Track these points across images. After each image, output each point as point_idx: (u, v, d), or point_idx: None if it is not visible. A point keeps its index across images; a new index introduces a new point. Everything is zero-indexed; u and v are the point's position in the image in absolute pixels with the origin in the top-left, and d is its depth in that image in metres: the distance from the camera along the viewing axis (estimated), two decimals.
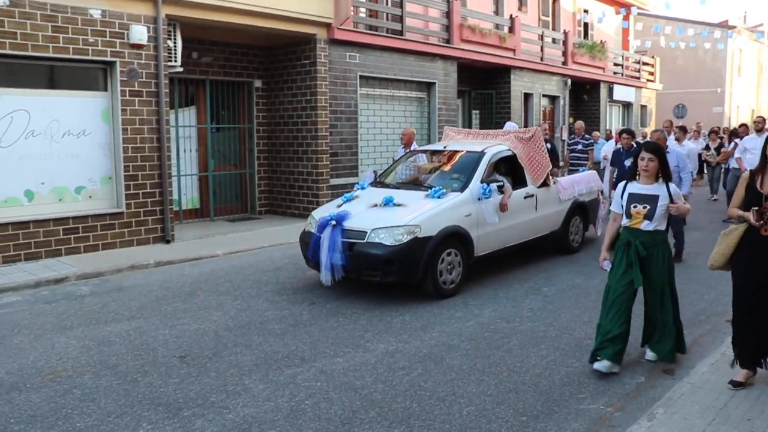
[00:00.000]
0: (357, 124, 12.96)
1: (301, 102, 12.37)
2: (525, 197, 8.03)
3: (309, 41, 12.13)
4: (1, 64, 8.66)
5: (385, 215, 6.63)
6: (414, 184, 7.69)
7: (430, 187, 7.19)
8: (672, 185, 4.62)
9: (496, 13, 18.18)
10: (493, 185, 7.31)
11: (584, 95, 22.30)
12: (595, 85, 22.10)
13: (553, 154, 9.80)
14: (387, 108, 13.92)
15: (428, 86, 14.75)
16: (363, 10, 13.33)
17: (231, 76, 12.47)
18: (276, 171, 13.02)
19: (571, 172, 12.08)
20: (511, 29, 17.31)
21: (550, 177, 8.48)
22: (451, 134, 9.17)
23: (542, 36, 18.84)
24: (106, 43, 9.24)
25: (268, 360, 5.09)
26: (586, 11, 23.12)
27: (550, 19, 20.93)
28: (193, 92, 12.16)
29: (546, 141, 10.51)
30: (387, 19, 13.86)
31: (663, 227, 4.63)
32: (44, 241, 8.87)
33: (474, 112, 17.88)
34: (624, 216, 4.68)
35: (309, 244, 6.77)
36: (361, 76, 12.97)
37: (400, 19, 13.77)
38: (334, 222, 6.57)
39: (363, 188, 7.72)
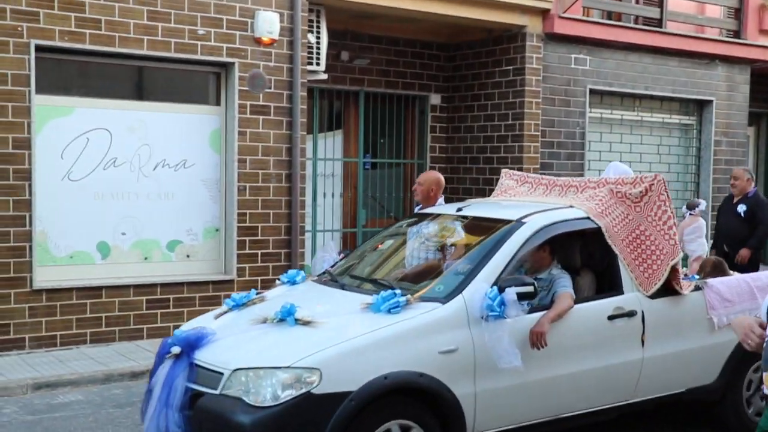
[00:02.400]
0: (584, 164, 12.61)
1: (499, 128, 12.24)
2: (612, 316, 6.14)
3: (514, 37, 11.96)
4: (76, 64, 8.97)
5: (268, 344, 5.30)
6: (390, 280, 6.29)
7: (388, 289, 5.71)
8: None
9: None
10: (511, 292, 5.49)
11: None
12: None
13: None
14: (631, 140, 13.54)
15: (699, 106, 14.20)
16: None
17: (396, 88, 12.48)
18: None
19: None
20: None
21: (680, 275, 6.56)
22: (507, 183, 7.74)
23: None
24: (222, 36, 9.40)
25: None
26: None
27: None
28: (341, 110, 12.37)
29: (736, 201, 10.10)
30: (636, 2, 13.47)
31: None
32: (120, 316, 9.00)
33: None
34: None
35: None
36: (592, 91, 12.71)
37: (659, 2, 13.29)
38: (177, 350, 5.32)
39: (292, 283, 6.54)
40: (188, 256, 9.60)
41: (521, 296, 5.53)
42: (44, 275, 8.59)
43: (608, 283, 6.35)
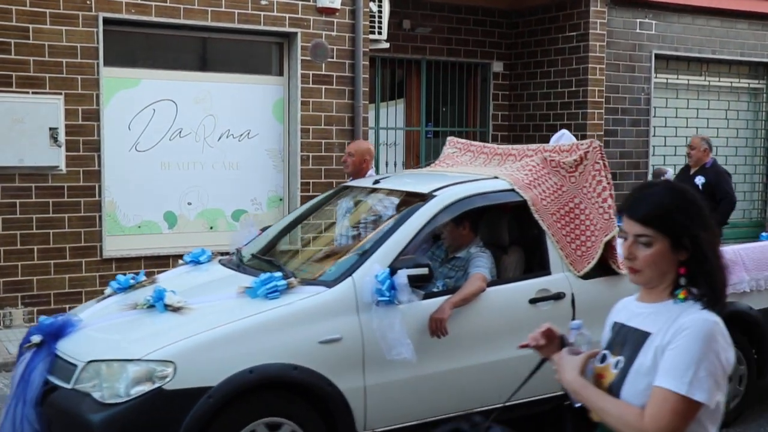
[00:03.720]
0: (649, 131, 12.47)
1: (563, 95, 12.13)
2: (535, 299, 5.47)
3: (578, 2, 11.77)
4: (142, 36, 9.08)
5: (128, 334, 4.83)
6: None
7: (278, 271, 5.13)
8: None
9: None
10: (402, 275, 4.83)
11: None
12: None
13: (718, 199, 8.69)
14: (698, 105, 13.39)
15: None
16: None
17: (458, 56, 12.41)
18: None
19: None
20: None
21: (616, 254, 5.72)
22: (449, 152, 7.08)
23: None
24: (284, 6, 9.42)
25: None
26: None
27: None
28: (403, 79, 12.32)
29: (693, 173, 9.21)
30: None
31: None
32: None
33: None
34: None
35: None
36: (657, 56, 12.54)
37: None
38: (37, 339, 4.77)
39: (196, 262, 5.98)
40: None
41: (415, 279, 4.89)
42: (114, 244, 8.75)
43: (536, 263, 5.73)
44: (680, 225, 2.47)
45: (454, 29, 12.24)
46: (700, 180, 9.00)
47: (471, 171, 6.17)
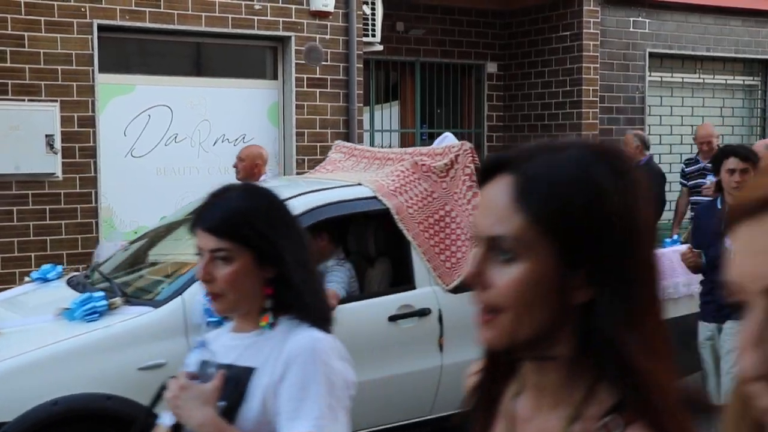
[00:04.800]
0: (644, 129, 12.28)
1: (557, 95, 12.08)
2: (396, 317, 5.05)
3: (570, 1, 11.77)
4: (136, 42, 9.11)
5: None
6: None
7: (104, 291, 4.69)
8: None
9: None
10: None
11: None
12: None
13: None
14: (693, 103, 13.29)
15: (764, 66, 13.87)
16: None
17: (452, 58, 12.41)
18: None
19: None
20: None
21: None
22: (334, 156, 6.68)
23: None
24: (278, 10, 9.41)
25: None
26: None
27: None
28: (397, 81, 12.35)
29: (651, 171, 8.32)
30: None
31: None
32: None
33: None
34: None
35: None
36: (652, 54, 12.48)
37: None
38: None
39: (44, 280, 5.48)
40: None
41: None
42: None
43: (402, 276, 5.28)
44: (260, 234, 2.01)
45: (447, 31, 12.20)
46: None
47: (342, 177, 5.77)
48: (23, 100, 8.09)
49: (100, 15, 8.40)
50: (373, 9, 10.13)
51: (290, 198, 4.81)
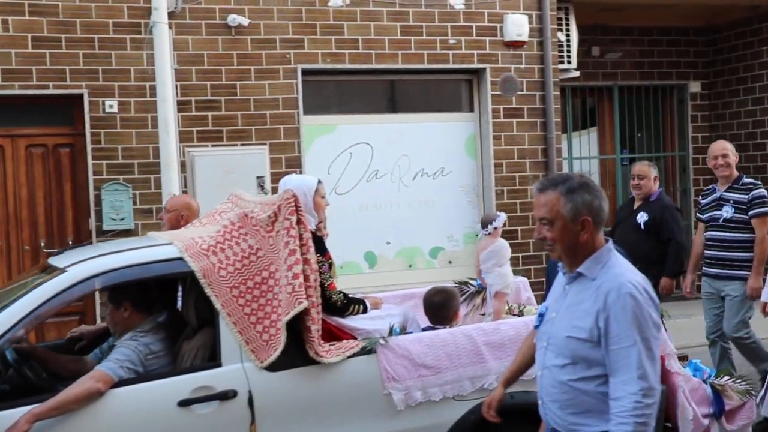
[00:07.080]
0: None
1: None
2: (187, 401, 4.19)
3: None
4: (335, 83, 9.55)
5: None
6: None
7: None
8: None
9: None
10: None
11: None
12: None
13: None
14: None
15: None
16: None
17: (651, 79, 12.22)
18: None
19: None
20: None
21: (314, 337, 4.39)
22: (221, 207, 5.40)
23: None
24: (472, 43, 9.59)
25: None
26: None
27: None
28: (594, 107, 12.30)
29: (636, 207, 7.44)
30: None
31: None
32: None
33: None
34: None
35: None
36: None
37: None
38: None
39: None
40: (450, 261, 9.73)
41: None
42: None
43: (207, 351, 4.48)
44: None
45: (645, 52, 12.06)
46: (642, 217, 7.30)
47: (176, 234, 4.95)
48: (236, 145, 8.64)
49: (303, 60, 8.87)
50: (567, 35, 10.16)
51: (76, 264, 4.34)
